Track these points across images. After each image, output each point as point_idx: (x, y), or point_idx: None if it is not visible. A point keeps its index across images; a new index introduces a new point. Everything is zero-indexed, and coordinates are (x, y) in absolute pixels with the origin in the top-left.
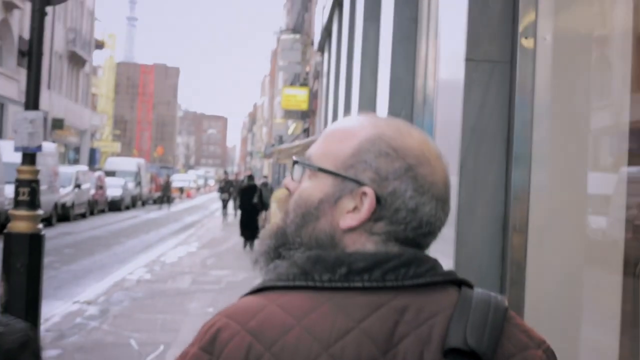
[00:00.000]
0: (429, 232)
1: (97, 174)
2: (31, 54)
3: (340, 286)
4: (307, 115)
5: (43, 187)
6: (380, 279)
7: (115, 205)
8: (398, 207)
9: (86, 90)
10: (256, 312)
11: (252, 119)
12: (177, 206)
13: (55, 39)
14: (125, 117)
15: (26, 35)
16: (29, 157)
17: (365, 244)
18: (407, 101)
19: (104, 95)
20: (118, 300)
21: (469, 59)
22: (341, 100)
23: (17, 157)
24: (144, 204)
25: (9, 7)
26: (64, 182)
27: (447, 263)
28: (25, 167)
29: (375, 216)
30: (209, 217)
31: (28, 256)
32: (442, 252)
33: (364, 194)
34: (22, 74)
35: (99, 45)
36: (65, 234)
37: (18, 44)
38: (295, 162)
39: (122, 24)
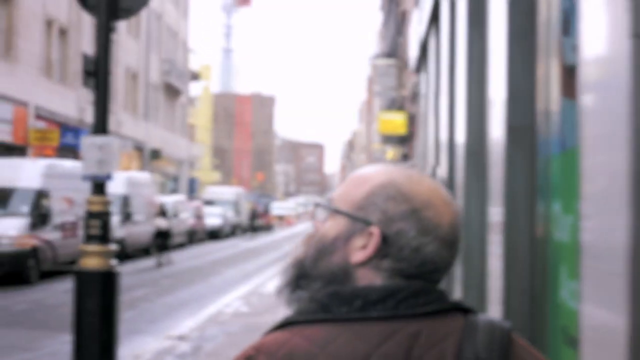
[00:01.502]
0: (434, 269)
1: (195, 203)
2: (98, 73)
3: (357, 317)
4: (405, 140)
5: (140, 217)
6: (393, 308)
7: (214, 234)
8: (402, 245)
9: (183, 120)
10: (283, 344)
11: (350, 145)
12: (277, 234)
13: (151, 70)
14: (224, 147)
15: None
16: (99, 186)
17: (373, 279)
18: (527, 111)
19: (202, 126)
20: (212, 335)
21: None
22: (443, 119)
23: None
24: (244, 232)
25: None
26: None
27: None
28: (95, 198)
29: (381, 253)
30: None
31: (101, 296)
32: None
33: (371, 233)
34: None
35: (195, 76)
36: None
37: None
38: (317, 205)
39: (218, 54)
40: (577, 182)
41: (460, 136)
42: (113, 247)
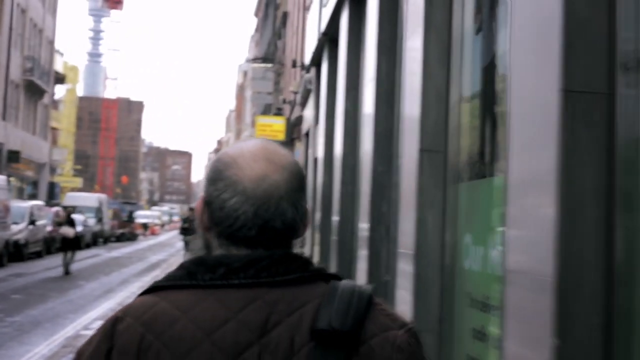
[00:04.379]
0: (243, 225)
1: (55, 209)
2: None
3: (220, 283)
4: (284, 145)
5: None
6: (254, 275)
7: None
8: (214, 207)
9: (45, 122)
10: (149, 308)
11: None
12: (141, 243)
13: (12, 67)
14: (87, 152)
15: None
16: None
17: (217, 247)
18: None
19: (65, 130)
20: None
21: None
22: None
23: None
24: (105, 241)
25: None
26: (16, 218)
27: None
28: None
29: (210, 220)
30: (176, 255)
31: None
32: None
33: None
34: None
35: (60, 79)
36: (16, 275)
37: None
38: None
39: (85, 58)
40: None
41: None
42: None
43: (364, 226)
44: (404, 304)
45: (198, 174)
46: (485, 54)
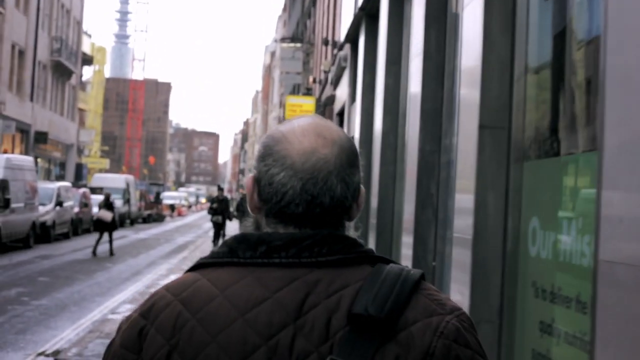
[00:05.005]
0: (290, 201)
1: (82, 190)
2: None
3: (260, 262)
4: None
5: (19, 204)
6: (295, 255)
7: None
8: (263, 184)
9: (72, 103)
10: (189, 285)
11: (244, 135)
12: (168, 225)
13: (39, 48)
14: (114, 134)
15: None
16: None
17: (264, 226)
18: None
19: (92, 111)
20: (94, 353)
21: None
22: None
23: None
24: (132, 222)
25: None
26: (43, 199)
27: None
28: None
29: (259, 198)
30: (203, 237)
31: None
32: None
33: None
34: None
35: (87, 60)
36: (42, 257)
37: None
38: None
39: (112, 40)
40: None
41: None
42: None
43: (409, 209)
44: (457, 293)
45: (224, 155)
46: (557, 19)
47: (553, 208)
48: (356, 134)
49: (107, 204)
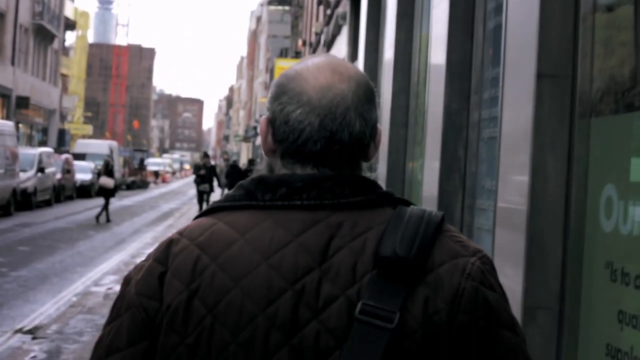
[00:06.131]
0: (308, 138)
1: (65, 156)
2: None
3: (281, 204)
4: None
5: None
6: (317, 197)
7: (84, 191)
8: (278, 124)
9: (55, 68)
10: (205, 229)
11: (229, 102)
12: (153, 191)
13: (20, 11)
14: (97, 100)
15: None
16: None
17: (278, 168)
18: None
19: (76, 76)
20: (76, 330)
21: None
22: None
23: None
24: (116, 189)
25: None
26: (25, 165)
27: None
28: None
29: (274, 139)
30: (188, 204)
31: None
32: None
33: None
34: None
35: (70, 25)
36: (23, 225)
37: None
38: None
39: (95, 5)
40: None
41: None
42: None
43: (430, 176)
44: (500, 273)
45: (209, 121)
46: None
47: (634, 173)
48: None
49: (108, 171)
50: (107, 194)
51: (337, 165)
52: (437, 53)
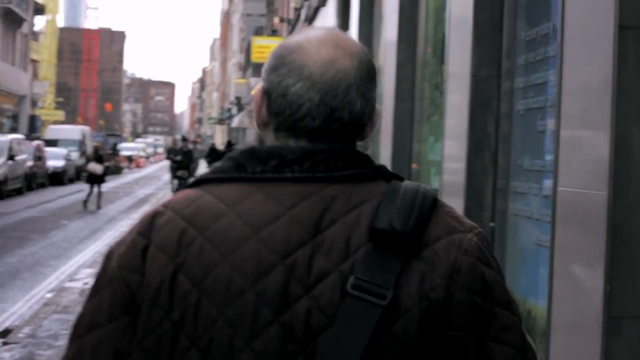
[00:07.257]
0: (307, 114)
1: (36, 143)
2: None
3: (272, 177)
4: None
5: None
6: (310, 169)
7: (57, 178)
8: (275, 96)
9: (24, 53)
10: (192, 202)
11: (202, 84)
12: (127, 177)
13: None
14: (69, 84)
15: None
16: None
17: (272, 140)
18: None
19: (46, 61)
20: (50, 333)
21: None
22: None
23: None
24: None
25: None
26: None
27: None
28: None
29: (269, 112)
30: (164, 189)
31: None
32: None
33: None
34: None
35: (40, 9)
36: None
37: None
38: None
39: None
40: None
41: None
42: None
43: (454, 153)
44: (561, 275)
45: (182, 104)
46: None
47: None
48: None
49: (97, 157)
50: (96, 180)
51: (332, 141)
52: (462, 14)
